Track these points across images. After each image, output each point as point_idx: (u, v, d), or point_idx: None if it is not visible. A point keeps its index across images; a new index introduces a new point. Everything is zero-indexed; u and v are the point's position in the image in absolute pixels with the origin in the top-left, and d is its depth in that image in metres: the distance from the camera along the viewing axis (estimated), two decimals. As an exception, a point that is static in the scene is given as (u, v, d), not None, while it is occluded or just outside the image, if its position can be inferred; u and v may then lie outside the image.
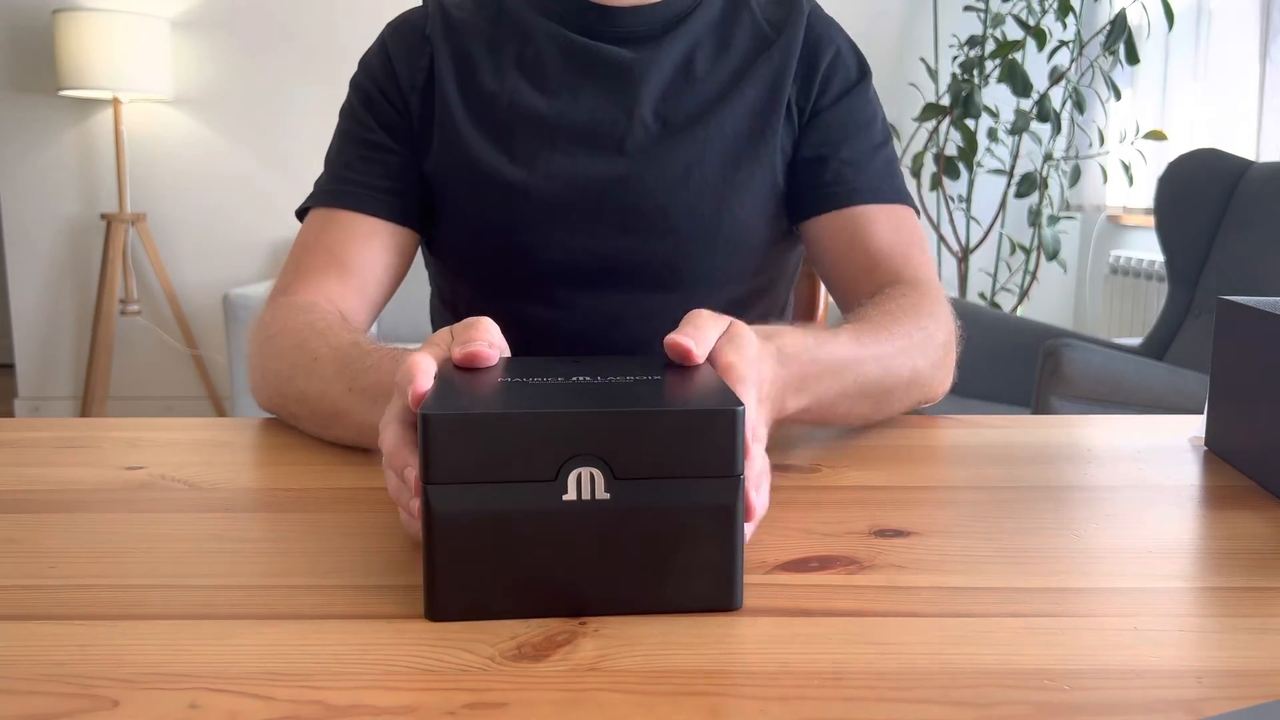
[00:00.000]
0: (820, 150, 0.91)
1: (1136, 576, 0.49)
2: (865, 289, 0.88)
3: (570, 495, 0.42)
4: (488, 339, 0.51)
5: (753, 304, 0.96)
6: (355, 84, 0.95)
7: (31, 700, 0.36)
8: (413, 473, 0.47)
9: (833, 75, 0.92)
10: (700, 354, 0.51)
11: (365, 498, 0.60)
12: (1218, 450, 0.72)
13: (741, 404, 0.43)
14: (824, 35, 0.94)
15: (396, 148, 0.91)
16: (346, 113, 0.94)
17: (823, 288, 1.24)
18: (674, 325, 0.55)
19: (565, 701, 0.36)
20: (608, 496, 0.42)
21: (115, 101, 3.27)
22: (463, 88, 0.90)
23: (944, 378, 0.82)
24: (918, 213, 0.94)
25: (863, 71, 0.94)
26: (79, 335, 3.58)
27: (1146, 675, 0.39)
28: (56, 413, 3.58)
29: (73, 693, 0.37)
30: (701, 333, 0.53)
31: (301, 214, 0.92)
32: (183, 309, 3.48)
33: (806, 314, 1.24)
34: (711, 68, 0.91)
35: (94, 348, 3.33)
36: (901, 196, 0.92)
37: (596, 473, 0.42)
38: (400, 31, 0.94)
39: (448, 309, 1.00)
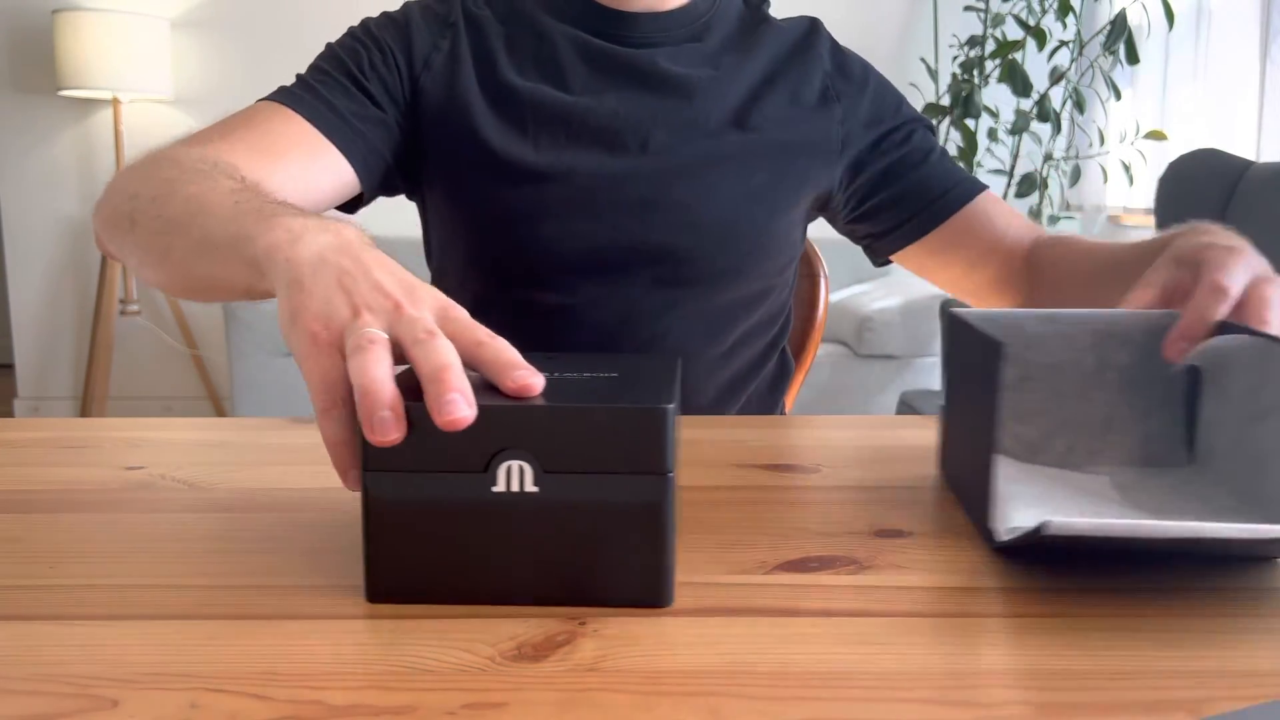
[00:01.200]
0: (903, 184, 0.96)
1: (1137, 576, 0.49)
2: (994, 267, 0.95)
3: (500, 487, 0.43)
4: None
5: (760, 302, 0.96)
6: (366, 26, 0.92)
7: (31, 700, 0.36)
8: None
9: (882, 115, 0.97)
10: None
11: (365, 498, 0.60)
12: (947, 479, 0.64)
13: (672, 403, 0.43)
14: (854, 67, 0.98)
15: (378, 103, 0.88)
16: (342, 47, 0.90)
17: (823, 288, 1.24)
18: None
19: (565, 701, 0.36)
20: (536, 490, 0.43)
21: (115, 101, 3.27)
22: (482, 79, 0.91)
23: None
24: None
25: (900, 99, 0.99)
26: (79, 335, 3.58)
27: (1146, 675, 0.39)
28: (56, 413, 3.58)
29: (73, 693, 0.37)
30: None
31: None
32: (182, 309, 3.48)
33: (807, 314, 1.24)
34: (734, 75, 0.93)
35: (94, 348, 3.33)
36: (981, 185, 0.98)
37: (526, 466, 0.43)
38: (426, 10, 0.94)
39: (458, 299, 1.00)
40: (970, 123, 3.20)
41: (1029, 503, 0.55)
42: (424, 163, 0.93)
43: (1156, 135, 2.93)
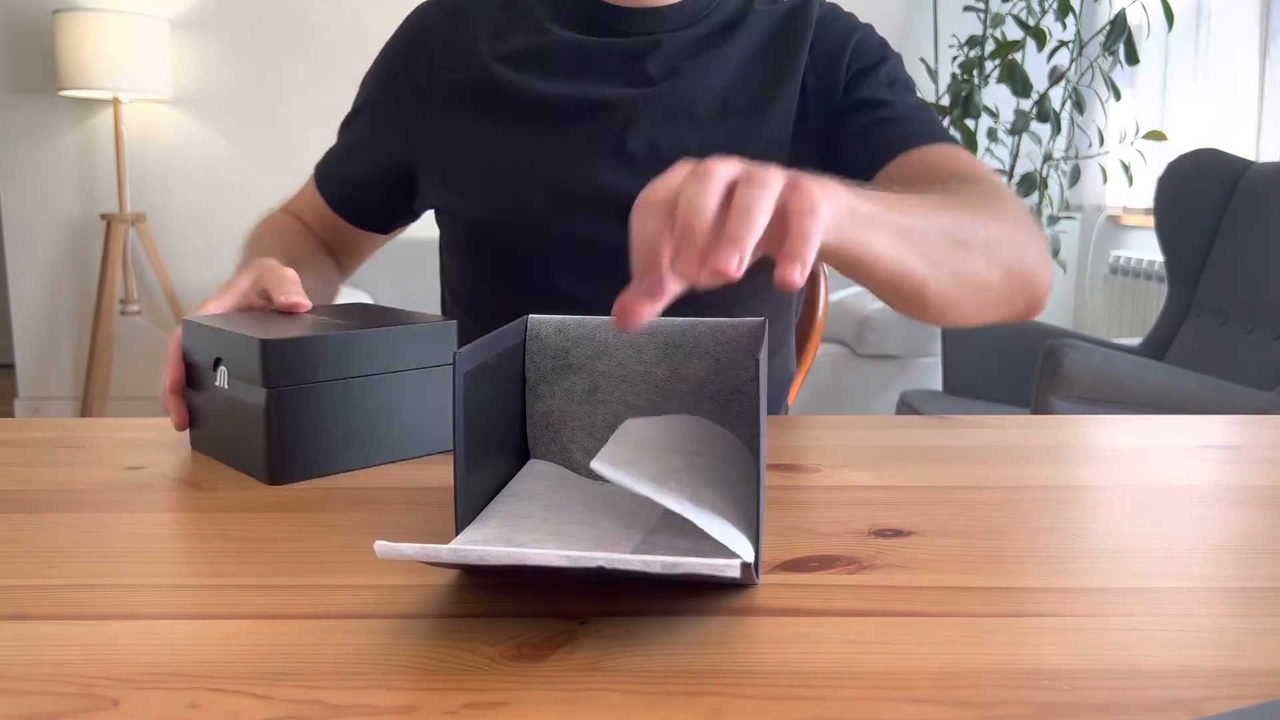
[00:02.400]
0: (860, 122, 0.90)
1: (1136, 576, 0.49)
2: None
3: (218, 383, 0.66)
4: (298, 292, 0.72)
5: (762, 300, 0.96)
6: (380, 56, 1.01)
7: (31, 700, 0.36)
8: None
9: (855, 60, 0.92)
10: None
11: (365, 498, 0.60)
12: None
13: (273, 339, 0.61)
14: (840, 24, 0.94)
15: (378, 145, 0.98)
16: (362, 89, 1.02)
17: (823, 286, 1.24)
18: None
19: (565, 701, 0.36)
20: (229, 389, 0.65)
21: (115, 101, 3.27)
22: (477, 70, 0.92)
23: (1039, 261, 0.75)
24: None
25: (885, 53, 0.94)
26: (79, 335, 3.58)
27: (1146, 675, 0.39)
28: (56, 413, 3.58)
29: (73, 693, 0.37)
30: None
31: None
32: (183, 309, 3.48)
33: (807, 312, 1.24)
34: (722, 63, 0.91)
35: (94, 348, 3.33)
36: (949, 138, 0.89)
37: (226, 371, 0.65)
38: (434, 5, 0.98)
39: (458, 302, 1.00)
40: (970, 123, 3.20)
41: (510, 522, 0.50)
42: (430, 159, 0.94)
43: (1156, 135, 2.93)
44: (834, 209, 0.55)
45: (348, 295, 3.16)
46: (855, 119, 0.91)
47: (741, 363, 0.59)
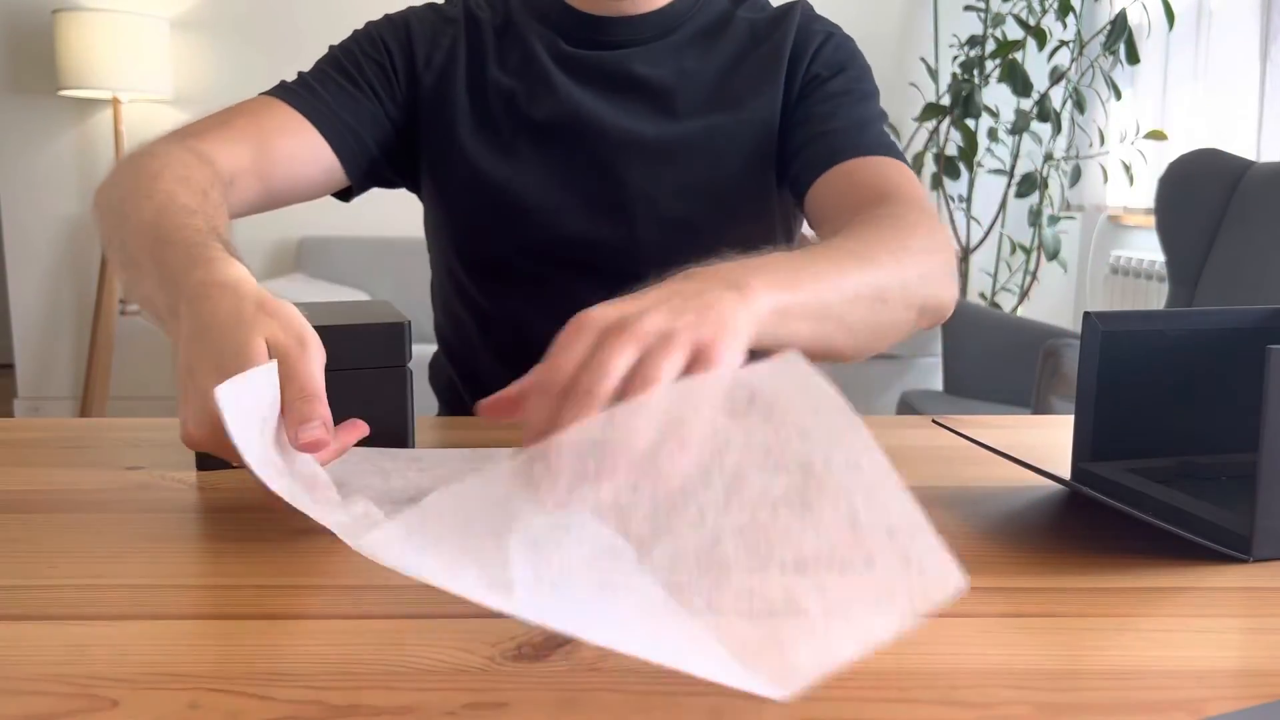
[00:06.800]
0: (801, 136, 0.90)
1: (1136, 576, 0.49)
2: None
3: None
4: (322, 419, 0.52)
5: None
6: (366, 31, 0.94)
7: (31, 700, 0.36)
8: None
9: (813, 68, 0.92)
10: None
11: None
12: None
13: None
14: (813, 30, 0.94)
15: (376, 97, 0.90)
16: (342, 49, 0.93)
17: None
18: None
19: (565, 701, 0.36)
20: None
21: (115, 101, 3.26)
22: (470, 78, 0.92)
23: (945, 284, 0.75)
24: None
25: (846, 64, 0.93)
26: (79, 335, 3.58)
27: (1147, 675, 0.39)
28: (56, 413, 3.58)
29: (73, 693, 0.37)
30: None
31: None
32: (183, 309, 3.48)
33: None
34: (701, 69, 0.92)
35: (94, 348, 3.33)
36: (892, 152, 0.88)
37: None
38: (428, 10, 0.96)
39: (445, 299, 1.01)
40: (970, 123, 3.20)
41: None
42: (418, 157, 0.94)
43: (1156, 135, 2.93)
44: (751, 321, 0.53)
45: (347, 294, 3.16)
46: (797, 132, 0.90)
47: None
